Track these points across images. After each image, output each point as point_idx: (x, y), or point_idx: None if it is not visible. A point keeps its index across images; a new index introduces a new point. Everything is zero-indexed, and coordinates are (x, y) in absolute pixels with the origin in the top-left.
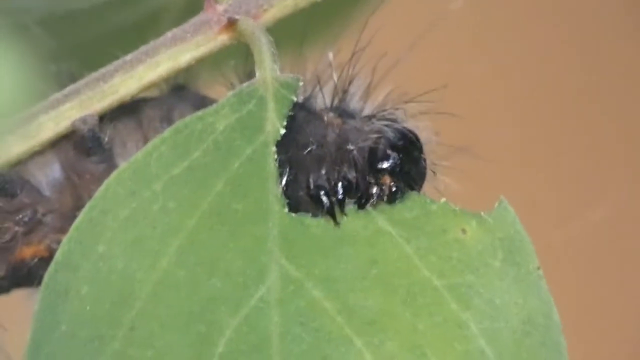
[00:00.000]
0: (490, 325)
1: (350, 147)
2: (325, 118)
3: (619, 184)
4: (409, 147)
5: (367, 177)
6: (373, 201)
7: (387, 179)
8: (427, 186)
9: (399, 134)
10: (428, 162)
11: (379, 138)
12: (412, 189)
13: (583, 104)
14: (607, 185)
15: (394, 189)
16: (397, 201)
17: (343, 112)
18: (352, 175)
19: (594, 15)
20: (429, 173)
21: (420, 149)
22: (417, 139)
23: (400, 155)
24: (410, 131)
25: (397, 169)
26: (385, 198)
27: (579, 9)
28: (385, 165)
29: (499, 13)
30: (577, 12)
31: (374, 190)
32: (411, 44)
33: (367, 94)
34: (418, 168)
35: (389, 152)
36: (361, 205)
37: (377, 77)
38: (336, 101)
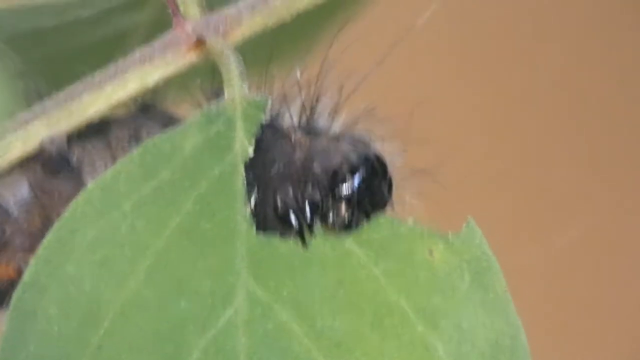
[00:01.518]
0: (457, 348)
1: (315, 167)
2: (293, 137)
3: (587, 208)
4: (372, 173)
5: (326, 200)
6: (330, 226)
7: (342, 207)
8: (395, 208)
9: (364, 159)
10: (394, 186)
11: (342, 161)
12: (368, 217)
13: (552, 126)
14: (575, 209)
15: (347, 219)
16: (352, 230)
17: (311, 130)
18: (316, 196)
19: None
20: (398, 196)
21: (385, 176)
22: (383, 164)
23: (361, 183)
24: (377, 156)
25: (354, 198)
26: (337, 227)
27: (549, 26)
28: (343, 192)
29: (465, 28)
30: (548, 29)
31: (330, 216)
32: (378, 61)
33: (334, 112)
34: (380, 196)
35: (349, 178)
36: (327, 227)
37: (345, 94)
38: (304, 119)
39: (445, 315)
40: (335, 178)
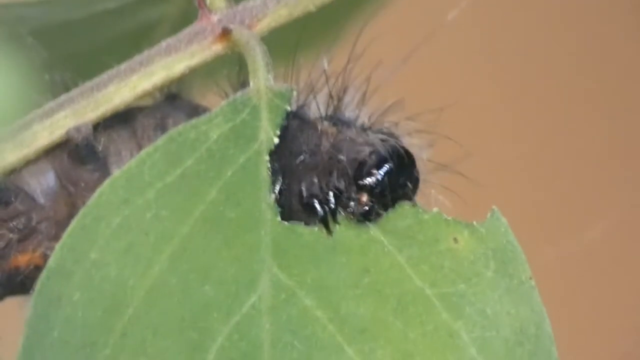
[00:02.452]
0: (481, 335)
1: (341, 157)
2: (320, 127)
3: (614, 203)
4: (399, 166)
5: (351, 190)
6: (352, 215)
7: (364, 197)
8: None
9: (392, 151)
10: (420, 180)
11: (371, 152)
12: (386, 210)
13: (581, 120)
14: (603, 204)
15: (366, 208)
16: (369, 221)
17: (338, 121)
18: (341, 184)
19: (596, 30)
20: (424, 191)
21: (411, 169)
22: (411, 159)
23: (387, 176)
24: (405, 150)
25: (379, 190)
26: (359, 217)
27: (580, 21)
28: (366, 182)
29: (496, 23)
30: (578, 25)
31: (351, 204)
32: (407, 53)
33: (361, 103)
34: (405, 189)
35: (374, 170)
36: (350, 215)
37: (372, 86)
38: (330, 110)
39: (469, 303)
40: (362, 169)
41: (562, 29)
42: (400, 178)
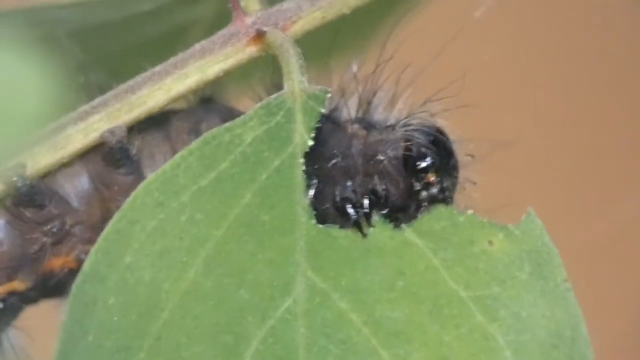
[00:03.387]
0: (516, 338)
1: (380, 157)
2: (349, 129)
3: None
4: (439, 143)
5: (412, 185)
6: (426, 206)
7: (431, 178)
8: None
9: (426, 134)
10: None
11: (409, 144)
12: (452, 184)
13: (608, 101)
14: (633, 183)
15: (442, 185)
16: (450, 197)
17: (367, 124)
18: (382, 186)
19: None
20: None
21: (448, 142)
22: (445, 135)
23: (435, 153)
24: (437, 129)
25: (437, 165)
26: (440, 196)
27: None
28: (424, 164)
29: (524, 21)
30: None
31: (423, 195)
32: (435, 54)
33: (391, 105)
34: (453, 162)
35: (422, 151)
36: (409, 216)
37: (401, 88)
38: (360, 113)
39: (504, 305)
40: (410, 159)
41: (588, 24)
42: (447, 152)
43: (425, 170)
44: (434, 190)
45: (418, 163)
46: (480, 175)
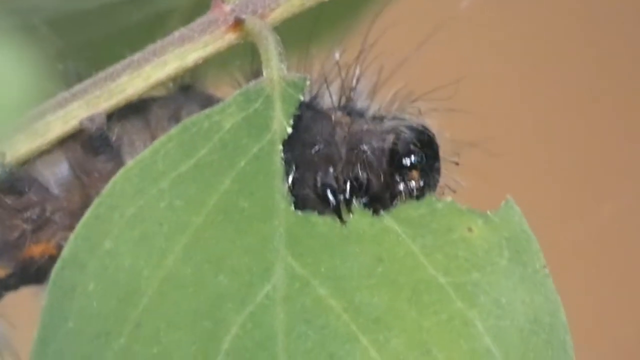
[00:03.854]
0: (496, 324)
1: (364, 147)
2: (333, 117)
3: (627, 180)
4: (427, 142)
5: (392, 177)
6: (401, 198)
7: (414, 175)
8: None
9: (416, 131)
10: (442, 157)
11: (396, 138)
12: (434, 183)
13: (593, 100)
14: (616, 181)
15: (421, 183)
16: (424, 195)
17: (351, 111)
18: (363, 175)
19: (609, 14)
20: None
21: (435, 144)
22: (432, 134)
23: (422, 151)
24: (425, 127)
25: (422, 164)
26: (415, 193)
27: (594, 6)
28: (410, 161)
29: (508, 12)
30: (593, 9)
31: (401, 187)
32: (419, 43)
33: (373, 93)
34: (436, 162)
35: (410, 148)
36: (384, 206)
37: (384, 75)
38: (343, 100)
39: (484, 292)
40: (395, 153)
41: (576, 17)
42: (431, 151)
43: (409, 167)
44: (413, 186)
45: (403, 159)
46: (462, 176)
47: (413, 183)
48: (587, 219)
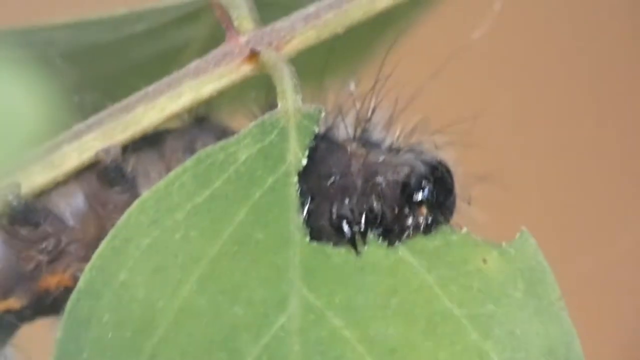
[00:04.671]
0: (511, 356)
1: (379, 180)
2: (349, 149)
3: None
4: (440, 178)
5: (402, 210)
6: (409, 233)
7: (423, 211)
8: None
9: (430, 166)
10: (457, 192)
11: (410, 171)
12: (446, 219)
13: (610, 134)
14: (631, 214)
15: (429, 220)
16: (432, 232)
17: (366, 143)
18: (378, 207)
19: (625, 46)
20: (458, 204)
21: (451, 179)
22: (448, 170)
23: (434, 187)
24: (441, 162)
25: (432, 200)
26: (421, 229)
27: (607, 36)
28: (420, 197)
29: (521, 42)
30: (604, 40)
31: (409, 222)
32: (433, 73)
33: (389, 124)
34: (450, 198)
35: (422, 183)
36: (392, 239)
37: (400, 107)
38: (359, 131)
39: (499, 323)
40: (408, 187)
41: (588, 46)
42: (445, 187)
43: (418, 202)
44: (421, 222)
45: (414, 194)
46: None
47: (421, 219)
48: (603, 251)
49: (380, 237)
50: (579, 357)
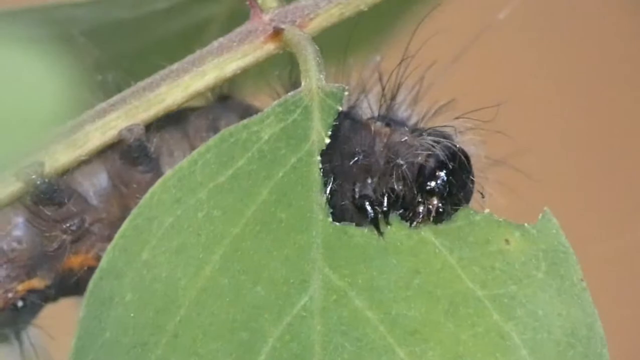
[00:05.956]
0: (533, 337)
1: (400, 161)
2: (373, 127)
3: None
4: (458, 167)
5: (415, 195)
6: (419, 219)
7: (434, 200)
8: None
9: (450, 153)
10: (476, 179)
11: (429, 155)
12: (458, 208)
13: (632, 121)
14: None
15: (440, 210)
16: (443, 222)
17: (390, 121)
18: (399, 188)
19: None
20: (478, 187)
21: (469, 170)
22: (468, 159)
23: (449, 177)
24: (461, 150)
25: (445, 191)
26: (431, 219)
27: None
28: (433, 185)
29: (546, 22)
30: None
31: (421, 209)
32: (457, 53)
33: (414, 103)
34: (466, 189)
35: (438, 172)
36: (408, 220)
37: (425, 86)
38: (383, 109)
39: (520, 304)
40: (424, 172)
41: (615, 23)
42: (460, 178)
43: (432, 191)
44: (431, 209)
45: (428, 182)
46: (501, 185)
47: (432, 208)
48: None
49: (406, 218)
50: (601, 338)
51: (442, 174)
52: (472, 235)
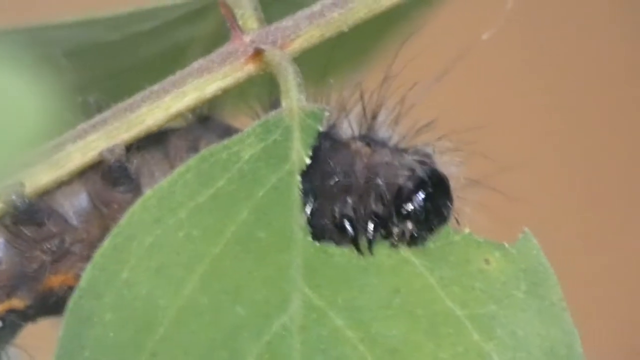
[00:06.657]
0: (512, 356)
1: (379, 181)
2: (353, 147)
3: None
4: (436, 190)
5: (392, 216)
6: (395, 241)
7: (409, 224)
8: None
9: (430, 175)
10: (455, 201)
11: (408, 177)
12: (433, 233)
13: (616, 136)
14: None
15: (415, 234)
16: (418, 246)
17: (371, 141)
18: (377, 208)
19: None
20: (458, 208)
21: (448, 193)
22: (446, 181)
23: (426, 202)
24: (440, 172)
25: (421, 216)
26: (405, 242)
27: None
28: (409, 210)
29: (530, 44)
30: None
31: (396, 231)
32: (439, 73)
33: (395, 123)
34: (444, 213)
35: (415, 196)
36: (394, 240)
37: (406, 106)
38: (364, 129)
39: (500, 324)
40: (401, 194)
41: (599, 47)
42: (438, 200)
43: (408, 215)
44: (406, 233)
45: (404, 205)
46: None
47: (405, 230)
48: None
49: (383, 238)
50: (580, 357)
51: (420, 198)
52: (452, 255)
